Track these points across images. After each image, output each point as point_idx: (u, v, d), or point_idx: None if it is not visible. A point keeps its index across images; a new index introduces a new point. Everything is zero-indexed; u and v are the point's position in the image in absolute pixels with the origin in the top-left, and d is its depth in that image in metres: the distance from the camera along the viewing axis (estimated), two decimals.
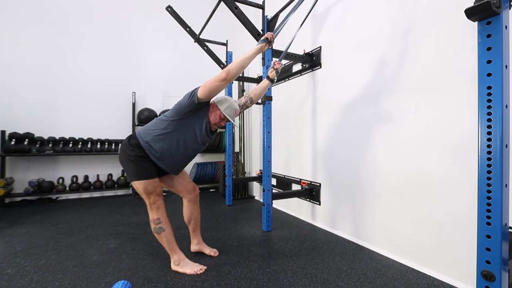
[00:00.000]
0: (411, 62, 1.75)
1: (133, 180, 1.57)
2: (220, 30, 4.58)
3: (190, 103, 1.51)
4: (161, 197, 1.60)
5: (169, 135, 1.55)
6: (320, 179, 2.57)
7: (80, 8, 3.88)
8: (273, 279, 1.54)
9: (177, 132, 1.56)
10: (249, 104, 1.82)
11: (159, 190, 1.60)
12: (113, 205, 3.36)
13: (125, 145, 1.59)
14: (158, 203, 1.58)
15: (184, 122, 1.56)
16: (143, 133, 1.59)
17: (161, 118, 1.60)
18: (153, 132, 1.56)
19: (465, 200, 1.45)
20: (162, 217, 1.59)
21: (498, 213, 0.89)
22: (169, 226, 1.63)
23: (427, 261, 1.64)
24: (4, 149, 3.25)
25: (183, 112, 1.54)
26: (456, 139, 1.50)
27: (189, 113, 1.55)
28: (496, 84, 0.90)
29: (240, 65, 1.51)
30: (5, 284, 1.49)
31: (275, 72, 1.85)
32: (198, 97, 1.49)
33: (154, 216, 1.58)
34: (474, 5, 0.90)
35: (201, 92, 1.49)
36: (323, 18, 2.55)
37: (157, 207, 1.58)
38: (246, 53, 1.57)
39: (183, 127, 1.56)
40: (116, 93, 4.08)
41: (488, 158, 0.91)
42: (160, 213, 1.59)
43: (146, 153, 1.55)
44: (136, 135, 1.60)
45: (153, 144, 1.55)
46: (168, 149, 1.57)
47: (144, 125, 1.66)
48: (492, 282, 0.90)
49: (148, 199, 1.57)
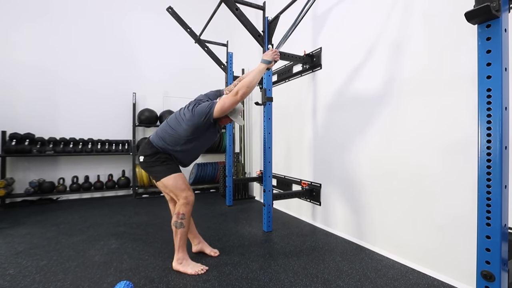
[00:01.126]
0: (410, 63, 1.76)
1: (164, 175, 1.64)
2: (220, 31, 4.59)
3: (206, 122, 1.63)
4: (193, 194, 1.69)
5: (189, 148, 1.71)
6: (321, 179, 2.58)
7: (81, 8, 3.89)
8: (274, 279, 1.55)
9: (195, 144, 1.72)
10: None
11: (189, 186, 1.69)
12: (113, 206, 3.36)
13: (146, 151, 1.69)
14: (189, 199, 1.66)
15: (200, 137, 1.70)
16: (163, 147, 1.68)
17: (177, 136, 1.66)
18: (173, 149, 1.68)
19: (464, 201, 1.46)
20: (187, 215, 1.65)
21: (497, 214, 0.90)
22: (188, 225, 1.68)
23: (427, 262, 1.65)
24: (5, 149, 3.26)
25: (200, 130, 1.66)
26: (456, 140, 1.51)
27: (204, 130, 1.67)
28: (495, 87, 0.91)
29: (252, 87, 1.62)
30: (7, 284, 1.50)
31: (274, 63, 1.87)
32: (214, 117, 1.62)
33: (181, 210, 1.64)
34: (474, 9, 0.91)
35: (218, 114, 1.61)
36: (324, 19, 2.56)
37: (187, 202, 1.65)
38: (256, 74, 1.64)
39: (200, 139, 1.72)
40: (117, 94, 4.09)
41: (488, 160, 0.92)
42: (188, 209, 1.65)
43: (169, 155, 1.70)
44: (155, 146, 1.68)
45: (174, 154, 1.71)
46: (189, 156, 1.77)
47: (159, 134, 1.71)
48: (491, 282, 0.91)
49: (181, 194, 1.64)
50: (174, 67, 4.48)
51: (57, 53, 3.74)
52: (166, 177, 1.64)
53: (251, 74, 1.65)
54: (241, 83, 1.59)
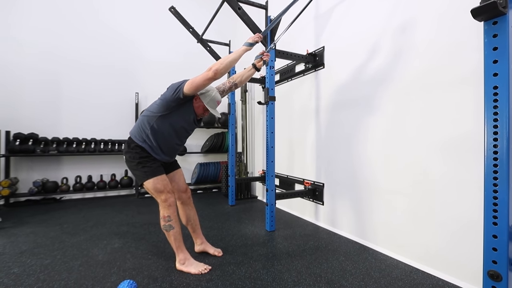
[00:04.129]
0: (414, 62, 1.75)
1: (143, 180, 1.62)
2: (223, 31, 4.59)
3: (175, 98, 1.57)
4: (172, 195, 1.64)
5: (160, 129, 1.62)
6: (324, 179, 2.57)
7: (83, 8, 3.90)
8: (277, 278, 1.54)
9: (166, 126, 1.63)
10: (234, 88, 1.89)
11: (169, 188, 1.64)
12: (116, 205, 3.37)
13: (128, 151, 1.65)
14: (170, 201, 1.61)
15: (172, 115, 1.62)
16: (136, 132, 1.65)
17: (149, 115, 1.64)
18: (144, 129, 1.62)
19: (470, 200, 1.44)
20: (172, 215, 1.62)
21: (504, 213, 0.89)
22: (178, 225, 1.65)
23: (432, 261, 1.63)
24: (9, 149, 3.28)
25: (169, 106, 1.60)
26: (462, 139, 1.49)
27: (175, 107, 1.61)
28: (502, 84, 0.90)
29: (228, 66, 1.55)
30: (12, 283, 1.51)
31: (262, 62, 1.87)
32: (184, 92, 1.54)
33: (165, 213, 1.61)
34: (480, 5, 0.90)
35: (187, 89, 1.54)
36: (326, 18, 2.55)
37: (169, 204, 1.61)
38: (234, 54, 1.62)
39: (171, 121, 1.63)
40: (120, 94, 4.10)
41: (495, 158, 0.91)
42: (171, 211, 1.62)
43: (149, 152, 1.62)
44: (132, 138, 1.65)
45: (148, 140, 1.62)
46: (163, 142, 1.65)
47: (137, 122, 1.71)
48: (498, 282, 0.90)
49: (160, 197, 1.61)
50: (177, 67, 4.49)
51: (60, 54, 3.75)
52: (145, 181, 1.60)
53: (230, 54, 1.62)
54: (217, 61, 1.57)
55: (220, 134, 4.45)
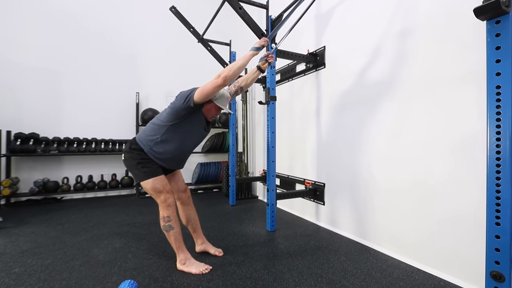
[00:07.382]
0: (415, 62, 1.74)
1: (141, 180, 1.61)
2: (223, 30, 4.58)
3: (186, 107, 1.56)
4: (171, 195, 1.64)
5: (170, 140, 1.61)
6: (324, 179, 2.56)
7: (83, 8, 3.90)
8: (278, 279, 1.54)
9: (177, 135, 1.62)
10: (239, 92, 1.87)
11: (168, 188, 1.64)
12: (117, 205, 3.37)
13: (128, 151, 1.65)
14: (169, 201, 1.61)
15: (182, 124, 1.62)
16: (144, 139, 1.63)
17: (159, 124, 1.63)
18: (153, 139, 1.61)
19: (471, 200, 1.44)
20: (172, 216, 1.61)
21: (507, 213, 0.89)
22: (178, 225, 1.64)
23: (434, 262, 1.63)
24: (10, 149, 3.28)
25: (179, 115, 1.59)
26: (464, 138, 1.49)
27: (185, 116, 1.60)
28: (505, 83, 0.90)
29: (237, 72, 1.56)
30: (13, 283, 1.51)
31: (267, 64, 1.87)
32: (194, 101, 1.54)
33: (165, 214, 1.61)
34: (483, 4, 0.90)
35: (197, 97, 1.53)
36: (327, 18, 2.54)
37: (168, 205, 1.60)
38: (242, 60, 1.62)
39: (182, 130, 1.63)
40: (120, 93, 4.10)
41: (497, 158, 0.91)
42: (171, 211, 1.61)
43: (150, 157, 1.62)
44: (137, 141, 1.64)
45: (156, 149, 1.61)
46: (172, 151, 1.64)
47: (144, 129, 1.70)
48: (501, 283, 0.89)
49: (159, 198, 1.60)
50: (177, 66, 4.49)
51: (61, 54, 3.75)
52: (144, 181, 1.59)
53: (238, 60, 1.63)
54: (225, 68, 1.57)
55: (220, 134, 4.44)
